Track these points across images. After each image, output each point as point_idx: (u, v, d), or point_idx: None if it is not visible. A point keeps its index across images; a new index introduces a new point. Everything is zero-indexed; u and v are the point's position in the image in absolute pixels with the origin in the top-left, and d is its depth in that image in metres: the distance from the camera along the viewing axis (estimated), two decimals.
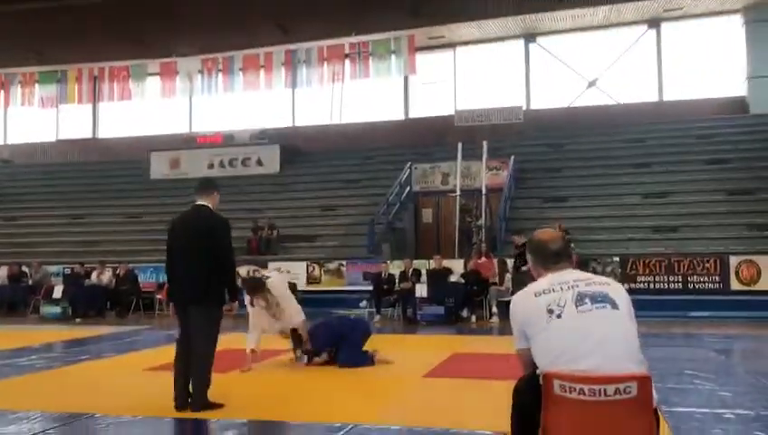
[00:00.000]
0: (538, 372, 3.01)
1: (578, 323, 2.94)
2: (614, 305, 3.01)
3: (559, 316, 2.97)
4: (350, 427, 4.84)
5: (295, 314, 7.73)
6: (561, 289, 3.05)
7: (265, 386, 6.86)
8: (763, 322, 12.80)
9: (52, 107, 25.82)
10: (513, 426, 3.23)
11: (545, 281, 3.16)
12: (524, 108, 22.71)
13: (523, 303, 3.15)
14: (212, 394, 5.56)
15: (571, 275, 3.16)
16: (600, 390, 2.82)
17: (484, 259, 14.64)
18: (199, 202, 5.87)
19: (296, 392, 6.50)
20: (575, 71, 22.94)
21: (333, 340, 7.76)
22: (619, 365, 2.88)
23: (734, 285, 14.35)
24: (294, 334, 7.85)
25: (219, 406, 5.49)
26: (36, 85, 24.96)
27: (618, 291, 3.09)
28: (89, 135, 27.75)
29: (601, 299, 3.01)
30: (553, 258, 3.24)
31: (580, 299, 3.00)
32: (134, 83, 24.11)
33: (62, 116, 27.89)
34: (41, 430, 4.94)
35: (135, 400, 6.01)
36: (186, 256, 5.65)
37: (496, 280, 14.12)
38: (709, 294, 14.30)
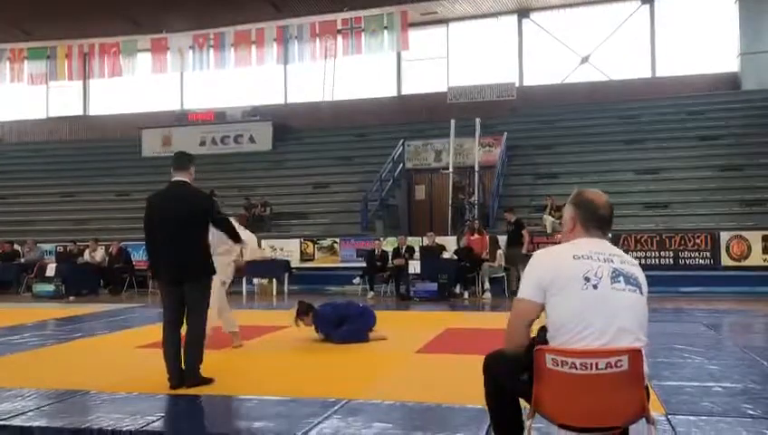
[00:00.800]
0: (549, 335, 3.02)
1: (610, 299, 2.92)
2: (641, 291, 3.01)
3: (595, 287, 2.92)
4: (343, 402, 4.87)
5: (248, 240, 7.74)
6: (599, 259, 2.99)
7: (259, 362, 6.90)
8: (753, 297, 12.93)
9: (41, 84, 25.60)
10: (490, 403, 3.25)
11: (583, 246, 3.06)
12: (517, 84, 22.65)
13: (556, 260, 3.05)
14: (205, 370, 5.59)
15: (606, 246, 3.09)
16: (591, 363, 2.83)
17: (476, 236, 14.71)
18: (177, 178, 5.73)
19: (289, 368, 6.55)
20: (568, 47, 22.85)
21: (337, 319, 7.80)
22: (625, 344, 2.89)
23: (725, 260, 14.47)
24: (299, 306, 7.90)
25: (212, 381, 5.52)
26: (25, 62, 24.71)
27: (642, 275, 3.08)
28: (79, 112, 27.57)
29: (634, 282, 3.00)
30: (597, 222, 3.13)
31: (615, 276, 2.97)
32: (125, 60, 23.90)
33: (52, 93, 27.67)
34: (35, 407, 4.95)
35: (129, 377, 6.03)
36: (171, 234, 5.52)
37: (488, 256, 14.20)
38: (700, 270, 14.42)
